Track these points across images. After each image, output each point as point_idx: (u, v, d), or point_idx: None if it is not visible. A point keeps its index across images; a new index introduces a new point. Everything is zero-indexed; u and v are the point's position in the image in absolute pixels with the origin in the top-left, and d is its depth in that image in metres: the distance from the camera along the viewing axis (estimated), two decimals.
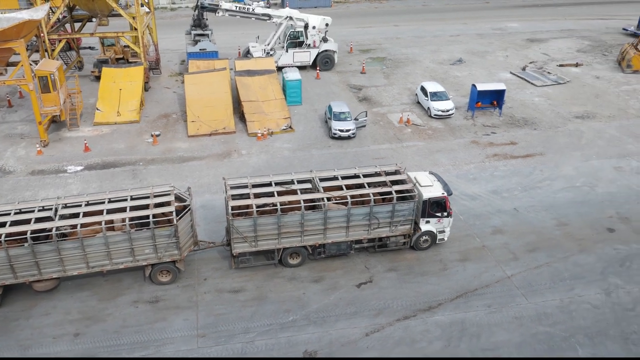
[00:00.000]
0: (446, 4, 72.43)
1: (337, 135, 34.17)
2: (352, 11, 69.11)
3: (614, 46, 52.94)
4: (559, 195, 28.70)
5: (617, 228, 26.00)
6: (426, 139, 34.75)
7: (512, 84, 43.23)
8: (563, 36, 56.61)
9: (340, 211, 22.37)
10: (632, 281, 22.61)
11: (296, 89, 39.08)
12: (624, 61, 46.87)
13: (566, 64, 48.07)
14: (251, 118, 35.52)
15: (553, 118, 37.78)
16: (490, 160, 32.25)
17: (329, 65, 46.12)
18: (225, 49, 48.27)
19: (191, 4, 66.68)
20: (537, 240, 25.15)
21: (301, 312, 20.96)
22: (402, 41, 54.80)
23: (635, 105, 39.94)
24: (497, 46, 53.38)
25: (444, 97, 37.97)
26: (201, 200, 27.48)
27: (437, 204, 23.47)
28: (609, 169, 31.27)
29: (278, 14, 44.88)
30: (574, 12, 67.38)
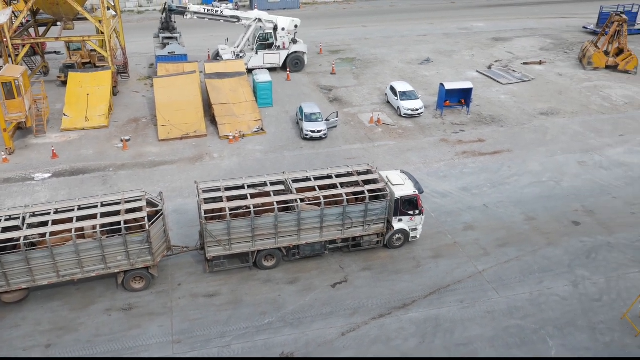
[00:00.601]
0: (413, 5, 73.37)
1: (309, 136, 34.30)
2: (321, 12, 69.37)
3: (575, 44, 54.51)
4: (527, 190, 29.43)
5: (583, 221, 26.79)
6: (397, 138, 35.17)
7: (479, 82, 44.08)
8: (526, 35, 58.00)
9: (314, 212, 22.50)
10: (598, 272, 23.33)
11: (267, 91, 39.05)
12: (584, 59, 48.30)
13: (530, 62, 49.28)
14: (222, 121, 35.35)
15: (519, 115, 38.70)
16: (459, 157, 32.84)
17: (299, 67, 46.22)
18: (194, 51, 47.92)
19: (159, 7, 66.09)
20: (506, 235, 25.73)
21: (277, 314, 20.99)
22: (371, 42, 55.29)
23: (596, 102, 41.21)
24: (464, 45, 54.34)
25: (413, 96, 38.48)
26: (173, 204, 27.25)
27: (409, 203, 23.80)
28: (573, 163, 32.21)
29: (247, 16, 44.77)
30: (536, 12, 69.10)
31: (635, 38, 55.50)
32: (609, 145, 34.34)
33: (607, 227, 26.27)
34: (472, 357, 19.32)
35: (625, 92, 43.05)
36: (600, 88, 43.75)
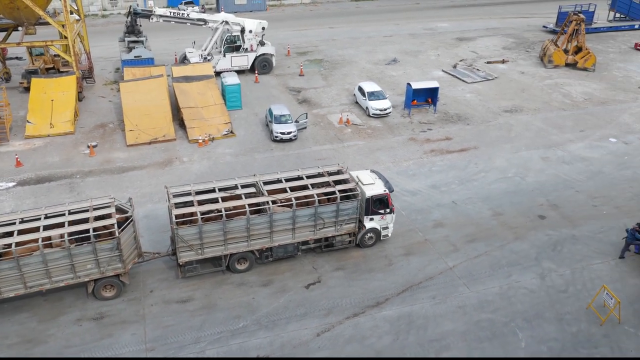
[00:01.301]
0: (378, 6, 74.09)
1: (279, 138, 34.33)
2: (288, 14, 69.42)
3: (535, 43, 55.95)
4: (493, 186, 30.11)
5: (548, 215, 27.58)
6: (366, 138, 35.51)
7: (445, 81, 44.83)
8: (489, 34, 59.26)
9: (286, 213, 22.56)
10: (564, 264, 24.05)
11: (235, 94, 38.90)
12: (545, 57, 49.65)
13: (493, 61, 50.39)
14: (191, 124, 35.08)
15: (484, 113, 39.54)
16: (428, 156, 33.37)
17: (267, 69, 46.18)
18: (161, 55, 47.41)
19: (124, 10, 65.04)
20: (475, 231, 26.28)
21: (251, 317, 20.97)
22: (338, 43, 55.63)
23: (557, 98, 42.43)
24: (429, 45, 55.18)
25: (381, 96, 38.91)
26: (144, 210, 26.94)
27: (379, 201, 24.09)
28: (537, 159, 33.10)
29: (214, 18, 44.49)
30: (498, 12, 70.61)
31: (593, 36, 57.40)
32: (570, 141, 35.42)
33: (571, 220, 27.11)
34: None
35: (585, 88, 44.46)
36: (561, 85, 45.06)
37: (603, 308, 21.26)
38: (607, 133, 36.61)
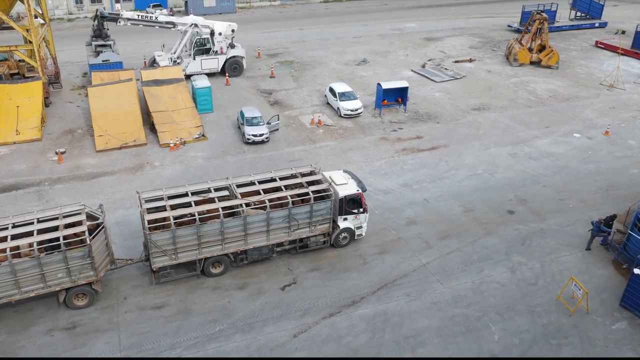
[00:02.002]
0: (347, 7, 74.58)
1: (251, 140, 34.28)
2: (257, 16, 69.29)
3: (501, 42, 57.15)
4: (464, 183, 30.66)
5: (517, 210, 28.22)
6: (338, 139, 35.73)
7: (414, 81, 45.41)
8: (456, 34, 60.25)
9: (260, 216, 22.56)
10: (533, 258, 24.64)
11: (206, 97, 38.69)
12: (510, 55, 50.76)
13: (461, 60, 51.26)
14: (162, 128, 34.75)
15: (453, 111, 40.21)
16: (399, 154, 33.77)
17: (238, 71, 46.04)
18: (129, 59, 46.81)
19: (90, 14, 63.97)
20: (447, 228, 26.72)
21: (227, 321, 20.90)
22: (308, 44, 55.80)
23: (523, 96, 43.44)
24: (398, 46, 55.80)
25: (352, 96, 39.21)
26: (115, 216, 26.58)
27: (353, 201, 24.29)
28: (505, 155, 33.83)
29: (182, 21, 44.15)
30: (464, 12, 71.83)
31: (555, 35, 58.91)
32: (536, 137, 36.31)
33: (539, 215, 27.80)
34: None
35: (549, 86, 45.62)
36: (526, 83, 46.14)
37: (572, 299, 21.85)
38: (571, 129, 37.67)
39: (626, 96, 43.66)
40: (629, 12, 71.10)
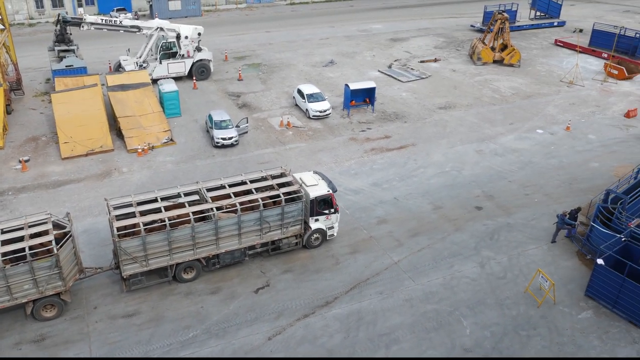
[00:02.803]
0: (313, 9, 74.82)
1: (220, 143, 34.11)
2: (224, 19, 68.89)
3: (465, 41, 58.23)
4: (432, 181, 31.16)
5: (484, 205, 28.84)
6: (307, 140, 35.85)
7: (381, 81, 45.89)
8: (421, 35, 61.11)
9: (231, 219, 22.49)
10: (501, 252, 25.22)
11: (174, 101, 38.32)
12: (474, 55, 51.80)
13: (426, 60, 52.04)
14: (129, 134, 34.27)
15: (420, 110, 40.80)
16: (368, 154, 34.10)
17: (205, 75, 45.72)
18: (94, 64, 46.02)
19: (51, 18, 62.45)
20: (417, 225, 27.11)
21: (201, 326, 20.76)
22: (275, 46, 55.78)
23: (487, 94, 44.39)
24: (364, 47, 56.28)
25: (320, 98, 39.40)
26: (83, 224, 26.09)
27: (324, 202, 24.44)
28: (471, 152, 34.52)
29: (148, 25, 43.60)
30: (428, 12, 72.88)
31: (517, 34, 60.33)
32: (501, 134, 37.17)
33: (505, 209, 28.46)
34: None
35: (512, 83, 46.74)
36: (490, 81, 47.16)
37: (539, 291, 22.45)
38: (534, 125, 38.68)
39: (585, 92, 45.07)
40: (586, 11, 73.39)
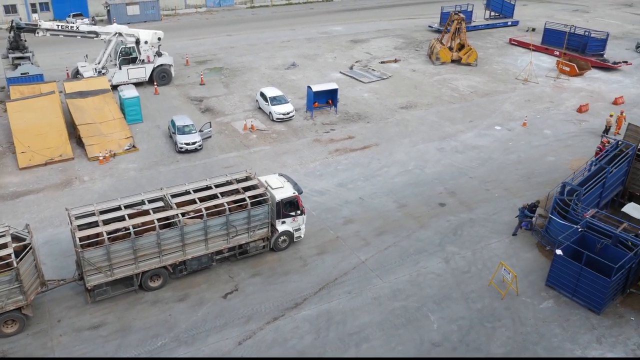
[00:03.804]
0: (274, 12, 74.81)
1: (184, 149, 33.79)
2: (184, 24, 68.12)
3: (423, 42, 59.26)
4: (396, 179, 31.64)
5: (447, 202, 29.47)
6: (272, 143, 35.87)
7: (343, 82, 46.28)
8: (380, 36, 61.87)
9: (197, 225, 22.35)
10: (465, 247, 25.85)
11: (135, 107, 37.72)
12: (433, 55, 52.80)
13: (386, 60, 52.73)
14: (90, 141, 33.58)
15: (382, 110, 41.35)
16: (332, 155, 34.37)
17: (166, 80, 45.16)
18: (51, 71, 44.86)
19: (5, 25, 60.37)
20: (383, 224, 27.50)
21: (170, 334, 20.54)
22: (237, 50, 55.54)
23: (447, 93, 45.33)
24: (325, 49, 56.64)
25: (283, 100, 39.47)
26: (44, 236, 25.46)
27: (290, 204, 24.53)
28: (433, 151, 35.21)
29: (106, 30, 42.81)
30: (387, 14, 73.81)
31: (473, 34, 61.77)
32: (461, 131, 38.04)
33: (467, 205, 29.16)
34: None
35: (470, 82, 47.86)
36: (449, 80, 48.17)
37: (502, 283, 23.13)
38: (492, 122, 39.74)
39: (539, 89, 46.56)
40: (538, 10, 75.71)
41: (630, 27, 67.04)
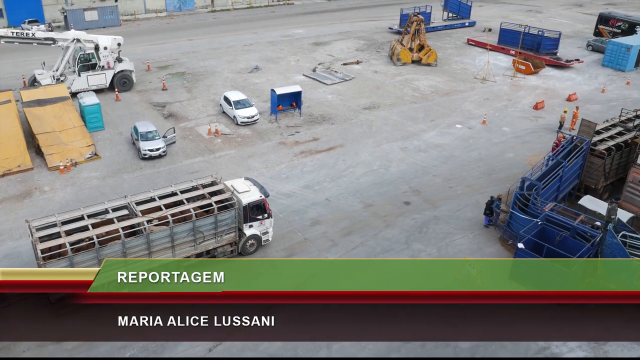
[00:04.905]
0: (235, 16, 74.54)
1: (148, 155, 33.43)
2: (144, 29, 67.16)
3: (384, 43, 60.06)
4: (362, 180, 32.07)
5: (412, 200, 30.04)
6: (237, 147, 35.83)
7: (307, 85, 46.55)
8: (342, 38, 62.42)
9: (163, 232, 22.19)
10: (430, 244, 26.36)
11: (96, 114, 37.06)
12: (394, 56, 53.62)
13: (349, 62, 53.26)
14: (49, 151, 32.85)
15: (346, 112, 41.81)
16: (298, 158, 34.57)
17: (127, 86, 44.50)
18: (6, 79, 43.62)
19: None
20: (350, 224, 27.81)
21: (138, 345, 20.23)
22: (199, 54, 55.15)
23: (408, 93, 46.14)
24: (288, 52, 56.82)
25: (247, 104, 39.46)
26: (3, 249, 24.83)
27: (257, 208, 24.59)
28: (397, 150, 35.82)
29: (63, 37, 41.87)
30: (347, 16, 74.45)
31: (432, 34, 62.87)
32: (423, 130, 38.80)
33: (432, 203, 29.80)
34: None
35: (430, 82, 48.83)
36: (410, 81, 49.02)
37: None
38: (453, 120, 40.67)
39: (497, 87, 47.90)
40: (493, 11, 77.69)
41: (580, 26, 69.53)
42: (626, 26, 60.62)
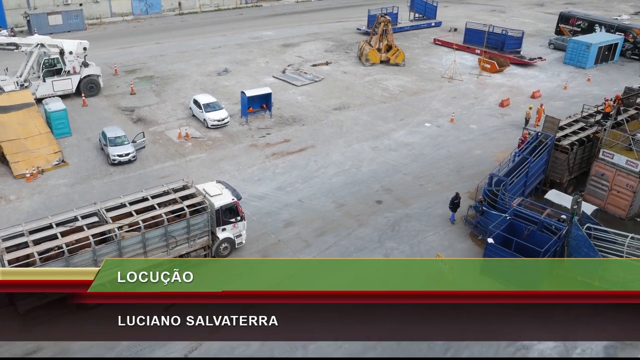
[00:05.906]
0: (203, 19, 73.97)
1: (117, 161, 32.98)
2: (110, 32, 66.05)
3: (353, 44, 60.48)
4: (333, 180, 32.30)
5: (383, 199, 30.41)
6: (208, 150, 35.65)
7: (277, 86, 46.57)
8: (311, 39, 62.62)
9: (135, 238, 21.96)
10: (403, 242, 26.76)
11: (62, 120, 36.33)
12: (362, 56, 54.09)
13: (318, 63, 53.49)
14: (15, 159, 32.10)
15: (316, 113, 42.01)
16: (270, 159, 34.60)
17: (94, 91, 43.75)
18: None
19: None
20: (323, 224, 28.00)
21: (112, 353, 20.04)
22: (167, 58, 54.58)
23: (378, 93, 46.62)
24: (257, 54, 56.73)
25: (217, 107, 39.27)
26: None
27: (229, 211, 24.55)
28: (368, 150, 36.18)
29: (26, 42, 40.94)
30: (316, 18, 74.68)
31: (399, 35, 63.60)
32: (393, 130, 39.28)
33: (403, 201, 30.22)
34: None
35: (399, 82, 49.44)
36: (379, 81, 49.53)
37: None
38: (422, 119, 41.29)
39: (464, 86, 48.80)
40: (458, 11, 78.96)
41: (542, 25, 71.32)
42: (586, 25, 62.51)
